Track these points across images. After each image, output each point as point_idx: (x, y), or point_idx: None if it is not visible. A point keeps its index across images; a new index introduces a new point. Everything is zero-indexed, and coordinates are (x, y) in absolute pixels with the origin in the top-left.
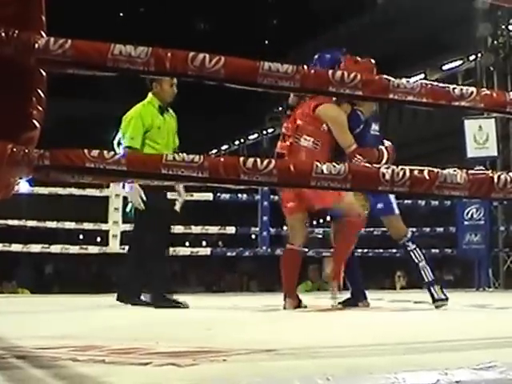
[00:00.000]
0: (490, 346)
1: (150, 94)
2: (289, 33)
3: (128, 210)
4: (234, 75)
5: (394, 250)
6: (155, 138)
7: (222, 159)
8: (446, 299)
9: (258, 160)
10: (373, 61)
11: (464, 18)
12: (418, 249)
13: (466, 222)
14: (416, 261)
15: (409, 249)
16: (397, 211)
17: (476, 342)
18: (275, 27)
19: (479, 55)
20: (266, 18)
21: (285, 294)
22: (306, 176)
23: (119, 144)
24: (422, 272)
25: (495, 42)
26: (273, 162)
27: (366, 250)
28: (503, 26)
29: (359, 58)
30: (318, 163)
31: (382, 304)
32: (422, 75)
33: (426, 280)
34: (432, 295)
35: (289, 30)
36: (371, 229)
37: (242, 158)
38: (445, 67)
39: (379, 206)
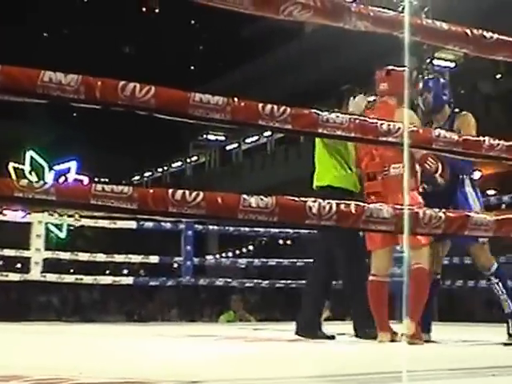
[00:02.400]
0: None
1: None
2: (215, 59)
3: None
4: (165, 106)
5: None
6: None
7: (150, 191)
8: None
9: (187, 192)
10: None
11: (390, 51)
12: (500, 283)
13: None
14: (498, 294)
15: (491, 282)
16: (481, 239)
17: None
18: (201, 53)
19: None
20: (191, 44)
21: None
22: (233, 209)
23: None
24: (503, 304)
25: (420, 76)
26: (201, 194)
27: (289, 281)
28: (427, 60)
29: (393, 68)
30: (245, 196)
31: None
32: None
33: (507, 311)
34: (509, 328)
35: (215, 57)
36: (294, 260)
37: (170, 190)
38: (370, 98)
39: None
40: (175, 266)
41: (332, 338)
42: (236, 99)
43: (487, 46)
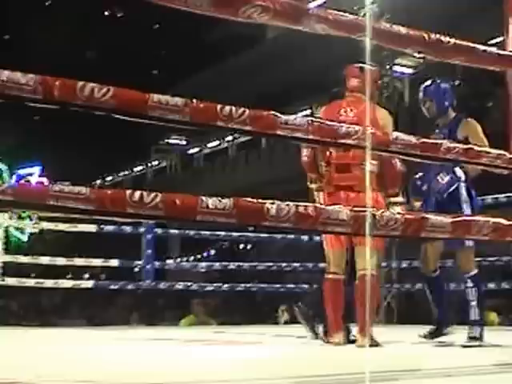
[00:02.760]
0: None
1: None
2: (178, 63)
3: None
4: (124, 106)
5: (278, 285)
6: None
7: (108, 192)
8: (478, 340)
9: (145, 193)
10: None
11: (350, 57)
12: (474, 289)
13: None
14: (468, 298)
15: (467, 285)
16: (468, 243)
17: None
18: (164, 57)
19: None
20: (155, 48)
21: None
22: (191, 210)
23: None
24: (472, 310)
25: (379, 81)
26: (159, 195)
27: (249, 285)
28: (387, 66)
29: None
30: (203, 198)
31: (264, 339)
32: (309, 111)
33: (472, 318)
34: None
35: (178, 61)
36: (254, 263)
37: (128, 191)
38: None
39: None
40: (137, 269)
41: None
42: (195, 100)
43: (444, 50)
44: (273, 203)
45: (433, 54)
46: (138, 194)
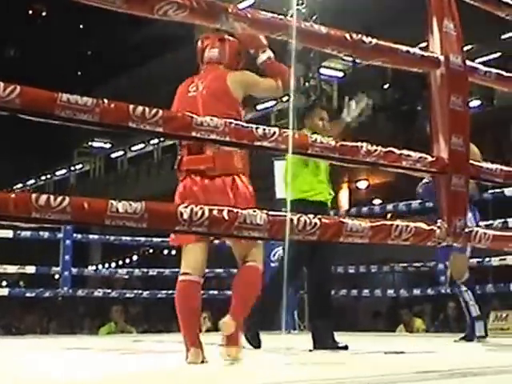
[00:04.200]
0: None
1: None
2: (102, 64)
3: None
4: (30, 106)
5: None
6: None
7: (12, 195)
8: (486, 336)
9: (52, 197)
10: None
11: (277, 58)
12: (469, 291)
13: (272, 264)
14: (466, 300)
15: (461, 290)
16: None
17: None
18: (89, 59)
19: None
20: (79, 49)
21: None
22: (100, 214)
23: None
24: (471, 308)
25: (307, 83)
26: (67, 199)
27: (170, 292)
28: (315, 68)
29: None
30: (113, 201)
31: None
32: None
33: (474, 315)
34: (474, 330)
35: (103, 62)
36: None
37: (34, 195)
38: (259, 107)
39: None
40: (56, 276)
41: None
42: (106, 100)
43: (366, 50)
44: (186, 207)
45: (354, 54)
46: (44, 197)
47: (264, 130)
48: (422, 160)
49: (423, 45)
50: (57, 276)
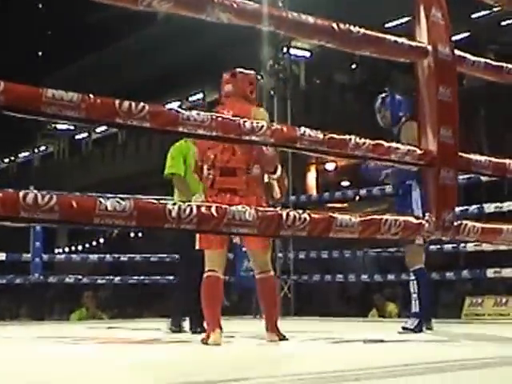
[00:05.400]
0: None
1: None
2: (65, 45)
3: None
4: (15, 103)
5: (172, 277)
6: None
7: (0, 194)
8: (416, 331)
9: (39, 195)
10: (252, 72)
11: (245, 39)
12: (416, 282)
13: (244, 249)
14: (410, 291)
15: (410, 278)
16: (417, 241)
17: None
18: (50, 39)
19: (260, 78)
20: (40, 30)
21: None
22: (89, 213)
23: None
24: (412, 302)
25: (276, 65)
26: (54, 197)
27: (142, 277)
28: (284, 49)
29: (240, 70)
30: (101, 199)
31: (161, 335)
32: (201, 94)
33: (413, 310)
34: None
35: (65, 43)
36: (148, 255)
37: (21, 193)
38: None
39: None
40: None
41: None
42: (92, 96)
43: (353, 40)
44: (174, 204)
45: (341, 44)
46: (31, 195)
47: (252, 123)
48: (410, 153)
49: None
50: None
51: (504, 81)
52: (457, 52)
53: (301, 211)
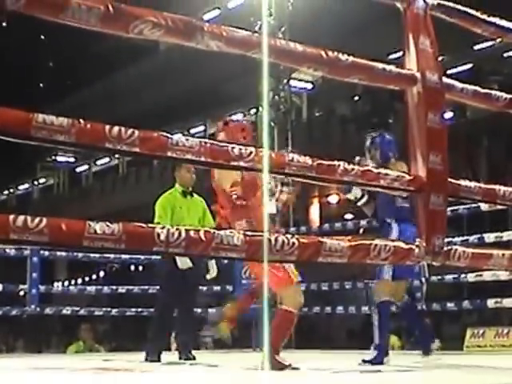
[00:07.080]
0: None
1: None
2: (65, 76)
3: None
4: (6, 127)
5: None
6: (181, 218)
7: None
8: (374, 364)
9: (29, 218)
10: (244, 119)
11: (246, 71)
12: (379, 315)
13: (244, 281)
14: (373, 323)
15: (374, 310)
16: (385, 276)
17: None
18: (51, 70)
19: (260, 109)
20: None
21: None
22: (78, 236)
23: None
24: (374, 334)
25: (276, 96)
26: (44, 220)
27: (140, 310)
28: (284, 81)
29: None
30: (90, 222)
31: (156, 367)
32: (203, 127)
33: (373, 342)
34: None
35: (65, 74)
36: (146, 287)
37: (11, 216)
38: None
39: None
40: (22, 293)
41: None
42: (82, 121)
43: (342, 68)
44: (163, 228)
45: (330, 72)
46: (21, 218)
47: (240, 149)
48: (399, 179)
49: (392, 56)
50: (22, 293)
51: (493, 108)
52: (445, 79)
53: (290, 236)
